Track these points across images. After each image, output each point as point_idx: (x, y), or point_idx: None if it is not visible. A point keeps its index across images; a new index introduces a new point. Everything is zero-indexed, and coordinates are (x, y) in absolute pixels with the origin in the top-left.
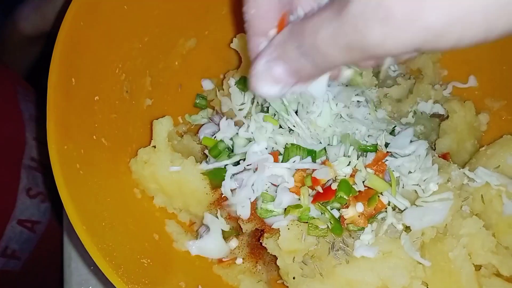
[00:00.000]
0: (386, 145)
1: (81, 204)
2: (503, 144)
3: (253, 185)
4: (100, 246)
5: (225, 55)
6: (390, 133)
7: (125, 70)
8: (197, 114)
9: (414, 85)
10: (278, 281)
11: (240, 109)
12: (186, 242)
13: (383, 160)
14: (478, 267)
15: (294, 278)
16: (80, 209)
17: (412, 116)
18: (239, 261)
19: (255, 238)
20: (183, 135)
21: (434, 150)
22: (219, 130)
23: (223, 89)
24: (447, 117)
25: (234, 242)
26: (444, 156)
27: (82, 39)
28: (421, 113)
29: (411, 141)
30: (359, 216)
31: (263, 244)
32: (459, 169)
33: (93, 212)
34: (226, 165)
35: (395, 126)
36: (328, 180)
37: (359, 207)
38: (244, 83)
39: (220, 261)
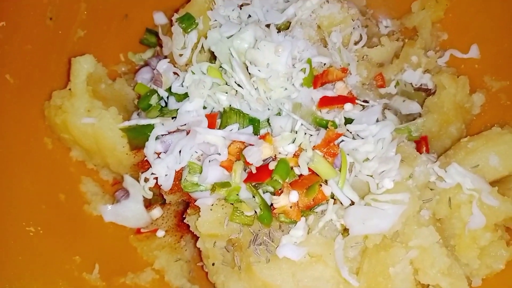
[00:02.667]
0: (348, 121)
1: None
2: (489, 138)
3: (181, 151)
4: None
5: None
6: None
7: None
8: (144, 52)
9: (402, 48)
10: (199, 263)
11: (180, 55)
12: (101, 206)
13: (336, 142)
14: (426, 286)
15: (213, 264)
16: None
17: (395, 86)
18: (160, 233)
19: (185, 208)
20: (120, 77)
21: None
22: (154, 77)
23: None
24: (435, 92)
25: (157, 211)
26: (421, 141)
27: None
28: (406, 84)
29: (378, 120)
30: (291, 207)
31: (184, 221)
32: (430, 162)
33: None
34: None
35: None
36: (267, 158)
37: (293, 196)
38: (188, 22)
39: (138, 231)
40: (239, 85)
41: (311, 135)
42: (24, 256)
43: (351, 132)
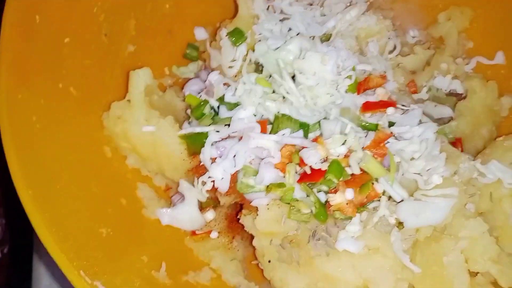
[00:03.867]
0: (391, 124)
1: (30, 161)
2: None
3: (235, 155)
4: (47, 214)
5: (225, 0)
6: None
7: (105, 10)
8: (186, 66)
9: (433, 57)
10: (253, 261)
11: (230, 67)
12: (158, 210)
13: (384, 143)
14: (474, 274)
15: (269, 261)
16: (27, 168)
17: (426, 92)
18: (214, 234)
19: (235, 210)
20: (166, 89)
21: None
22: (206, 88)
23: (215, 40)
24: (465, 97)
25: (210, 214)
26: (456, 142)
27: None
28: (437, 89)
29: (419, 123)
30: (347, 203)
31: (240, 221)
32: (470, 161)
33: (47, 171)
34: (208, 130)
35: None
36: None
37: (349, 193)
38: (237, 36)
39: (193, 233)
40: (288, 93)
41: (360, 137)
42: (102, 254)
43: (394, 135)
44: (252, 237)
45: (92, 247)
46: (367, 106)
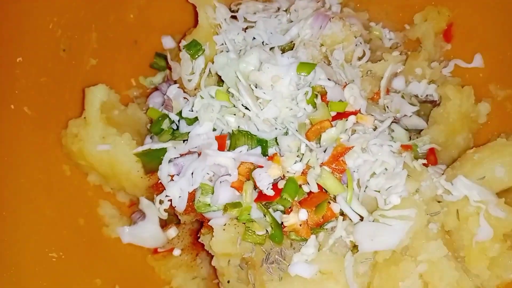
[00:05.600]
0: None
1: None
2: (495, 149)
3: (193, 173)
4: None
5: (192, 8)
6: None
7: (62, 25)
8: (154, 76)
9: (406, 61)
10: (215, 280)
11: (189, 80)
12: (118, 228)
13: (343, 158)
14: None
15: (228, 281)
16: None
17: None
18: (176, 252)
19: (200, 226)
20: (133, 102)
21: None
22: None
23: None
24: (440, 103)
25: (173, 231)
26: (429, 153)
27: None
28: (411, 97)
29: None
30: (300, 225)
31: (199, 240)
32: (434, 177)
33: None
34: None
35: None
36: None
37: (303, 214)
38: (194, 49)
39: (155, 251)
40: (246, 108)
41: (317, 153)
42: (48, 281)
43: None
44: None
45: (39, 275)
46: None
